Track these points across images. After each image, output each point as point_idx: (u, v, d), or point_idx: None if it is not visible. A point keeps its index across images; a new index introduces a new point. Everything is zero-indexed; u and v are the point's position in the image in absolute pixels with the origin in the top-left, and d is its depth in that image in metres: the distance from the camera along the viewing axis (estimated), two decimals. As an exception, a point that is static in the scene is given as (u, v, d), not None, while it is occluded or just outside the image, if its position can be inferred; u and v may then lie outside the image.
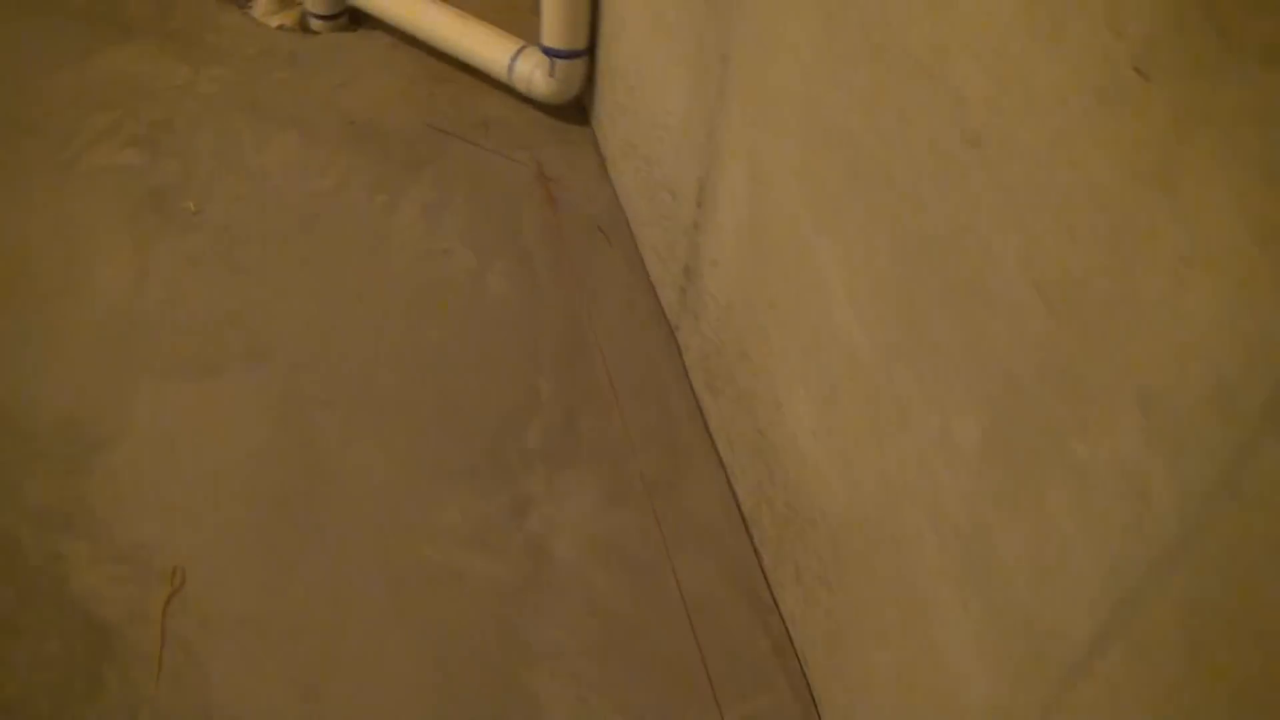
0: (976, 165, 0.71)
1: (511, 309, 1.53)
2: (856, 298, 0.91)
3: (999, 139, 0.68)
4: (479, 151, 1.76)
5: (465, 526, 1.26)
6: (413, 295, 1.53)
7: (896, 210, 0.82)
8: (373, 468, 1.31)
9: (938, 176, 0.75)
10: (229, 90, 1.82)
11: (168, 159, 1.70)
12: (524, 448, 1.36)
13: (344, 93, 1.85)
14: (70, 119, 1.75)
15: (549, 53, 1.68)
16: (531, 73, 1.74)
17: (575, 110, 1.82)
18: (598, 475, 1.35)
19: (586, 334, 1.51)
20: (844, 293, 0.94)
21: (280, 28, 2.04)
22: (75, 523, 1.24)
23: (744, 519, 1.28)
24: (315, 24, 2.02)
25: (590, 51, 1.70)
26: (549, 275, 1.58)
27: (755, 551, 1.26)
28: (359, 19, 2.00)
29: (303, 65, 1.90)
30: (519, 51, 1.76)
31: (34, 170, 1.66)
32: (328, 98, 1.83)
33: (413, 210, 1.66)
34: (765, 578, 1.23)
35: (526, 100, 1.81)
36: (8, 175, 1.64)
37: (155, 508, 1.27)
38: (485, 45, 1.79)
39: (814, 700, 1.12)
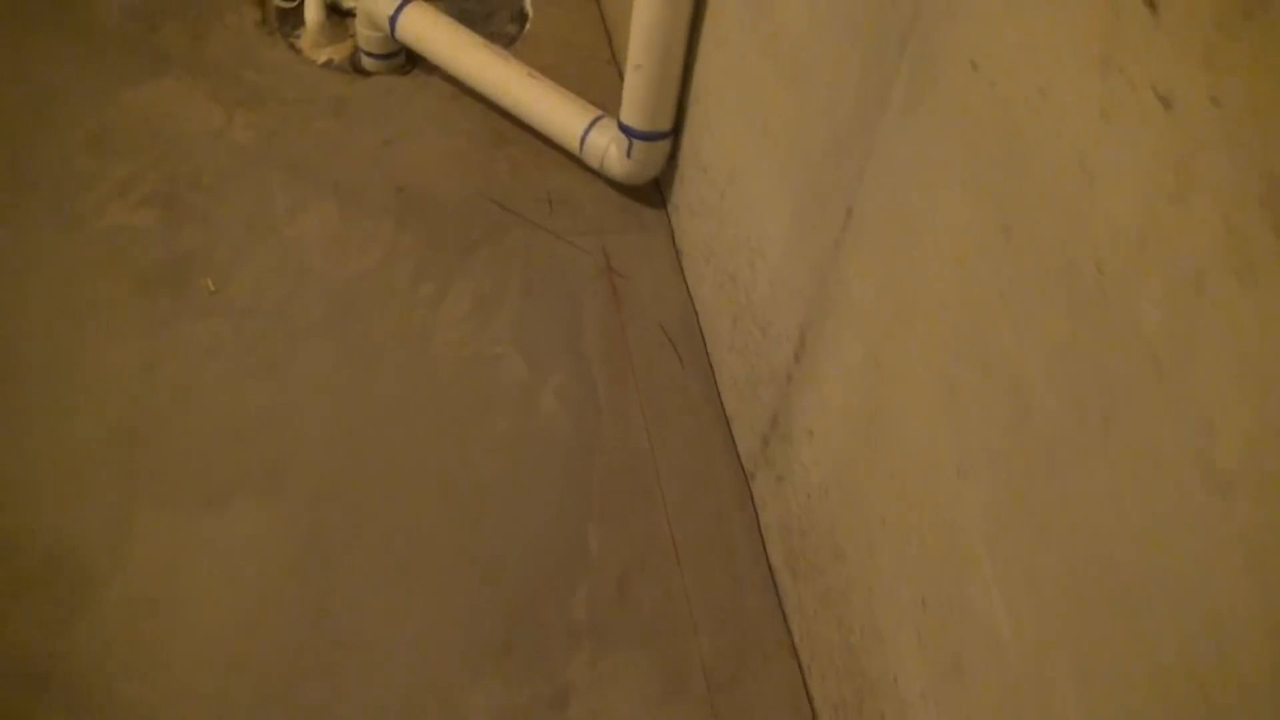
0: (1220, 513, 0.53)
1: (565, 435, 1.36)
2: (1007, 581, 0.73)
3: (1256, 483, 0.50)
4: (540, 234, 1.59)
5: (494, 728, 1.09)
6: (455, 410, 1.36)
7: (1082, 513, 0.64)
8: (391, 636, 1.16)
9: (1161, 514, 0.57)
10: (264, 141, 1.66)
11: (190, 223, 1.54)
12: (568, 618, 1.20)
13: (393, 151, 1.68)
14: (87, 167, 1.60)
15: (627, 131, 1.50)
16: (606, 149, 1.56)
17: (651, 189, 1.64)
18: (652, 661, 1.18)
19: (648, 472, 1.34)
20: (990, 566, 0.76)
21: (328, 64, 1.87)
22: (53, 683, 1.09)
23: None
24: (368, 62, 1.85)
25: (675, 132, 1.52)
26: (609, 393, 1.41)
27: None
28: (416, 59, 1.82)
29: (349, 114, 1.73)
30: (593, 123, 1.58)
31: (41, 226, 1.51)
32: (375, 156, 1.66)
33: (462, 303, 1.49)
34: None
35: (597, 174, 1.63)
36: (11, 231, 1.50)
37: (144, 669, 1.13)
38: (555, 111, 1.61)
39: None
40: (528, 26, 1.98)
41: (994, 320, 0.74)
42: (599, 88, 1.76)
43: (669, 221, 1.62)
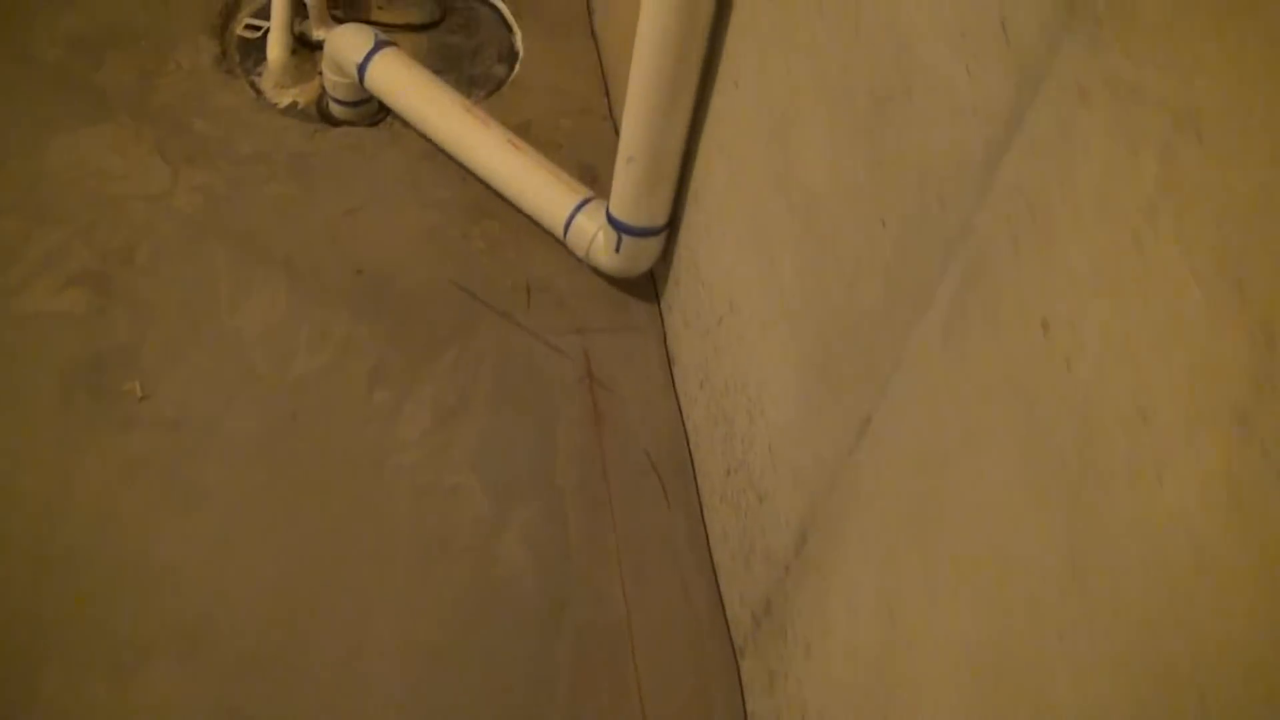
0: None
1: (529, 590, 1.21)
2: None
3: None
4: (515, 331, 1.43)
5: None
6: (406, 557, 1.22)
7: None
8: None
9: None
10: (211, 209, 1.50)
11: (119, 309, 1.38)
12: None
13: (355, 223, 1.52)
14: (10, 234, 1.44)
15: (617, 225, 1.34)
16: (593, 238, 1.40)
17: (643, 279, 1.48)
18: None
19: (622, 640, 1.19)
20: None
21: (291, 107, 1.70)
22: None
23: None
24: (335, 109, 1.69)
25: (671, 226, 1.36)
26: (583, 537, 1.26)
27: None
28: (388, 109, 1.66)
29: (309, 175, 1.56)
30: (580, 206, 1.42)
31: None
32: (334, 229, 1.50)
33: (420, 417, 1.33)
34: None
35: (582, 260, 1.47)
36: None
37: None
38: (539, 190, 1.45)
39: None
40: (517, 68, 1.81)
41: (1046, 662, 0.58)
42: (592, 146, 1.61)
43: (661, 321, 1.46)
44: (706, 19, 1.10)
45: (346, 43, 1.59)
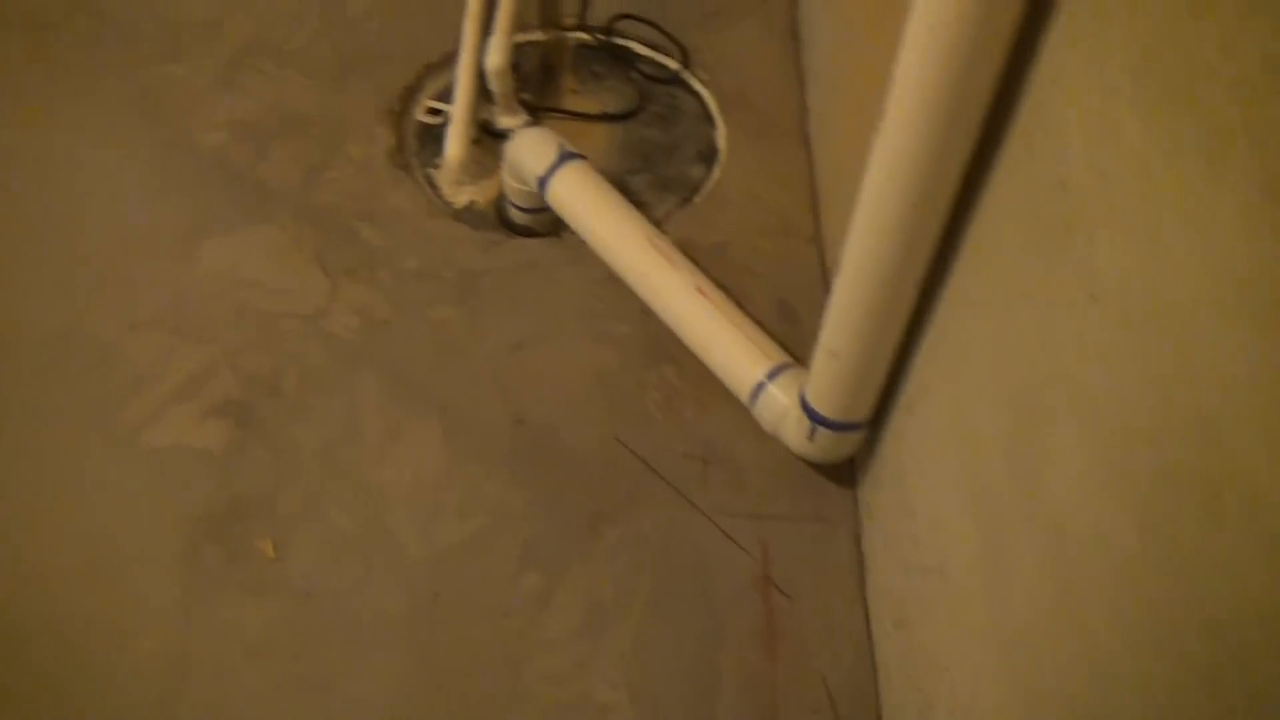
0: None
1: None
2: None
3: None
4: (685, 511, 1.28)
5: None
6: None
7: None
8: None
9: None
10: (368, 334, 1.40)
11: (260, 448, 1.30)
12: None
13: (521, 361, 1.39)
14: (152, 350, 1.38)
15: (811, 414, 1.17)
16: (784, 414, 1.24)
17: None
18: None
19: None
20: None
21: (468, 207, 1.60)
22: None
23: None
24: (514, 214, 1.57)
25: (874, 423, 1.18)
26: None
27: None
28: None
29: (477, 298, 1.45)
30: (774, 374, 1.26)
31: (85, 432, 1.31)
32: (498, 367, 1.38)
33: (571, 611, 1.21)
34: None
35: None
36: (48, 438, 1.31)
37: None
38: (727, 349, 1.30)
39: None
40: (716, 172, 1.65)
41: None
42: (793, 275, 1.47)
43: (856, 514, 1.29)
44: (932, 237, 0.92)
45: (529, 151, 1.47)
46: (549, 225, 1.57)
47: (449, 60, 1.77)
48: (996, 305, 0.85)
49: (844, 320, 1.06)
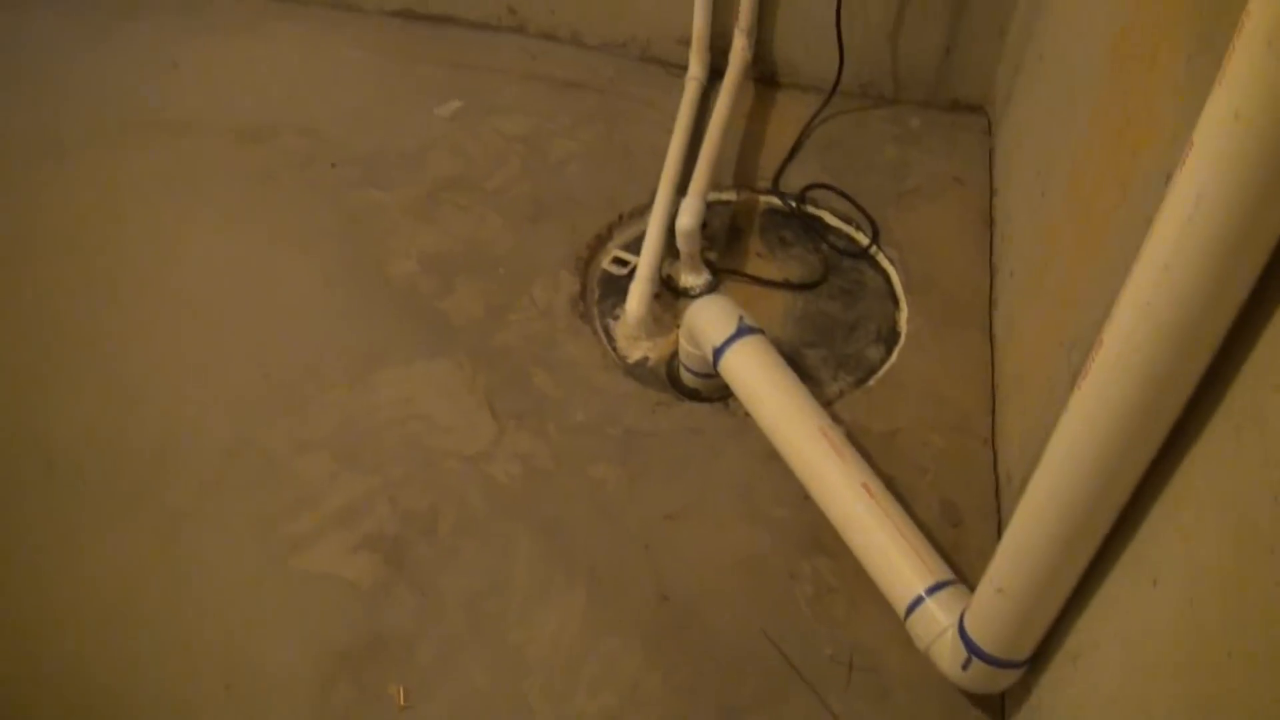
0: None
1: None
2: None
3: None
4: (824, 717, 1.24)
5: None
6: None
7: None
8: None
9: None
10: (528, 482, 1.42)
11: (407, 588, 1.32)
12: None
13: (674, 532, 1.39)
14: (317, 473, 1.43)
15: (969, 643, 1.13)
16: (939, 636, 1.20)
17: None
18: None
19: None
20: None
21: (640, 362, 1.62)
22: None
23: None
24: (685, 376, 1.59)
25: (1033, 662, 1.14)
26: None
27: None
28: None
29: (637, 459, 1.46)
30: (933, 590, 1.22)
31: (242, 546, 1.36)
32: (650, 535, 1.38)
33: (693, 810, 1.17)
34: None
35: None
36: (207, 545, 1.36)
37: None
38: (888, 555, 1.27)
39: None
40: (894, 356, 1.64)
41: None
42: (963, 477, 1.44)
43: (1008, 753, 1.23)
44: (1120, 502, 0.89)
45: (708, 320, 1.49)
46: (718, 391, 1.58)
47: (641, 212, 1.82)
48: (1185, 593, 0.81)
49: (1016, 563, 1.03)
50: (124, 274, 1.69)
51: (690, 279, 1.71)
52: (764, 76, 2.13)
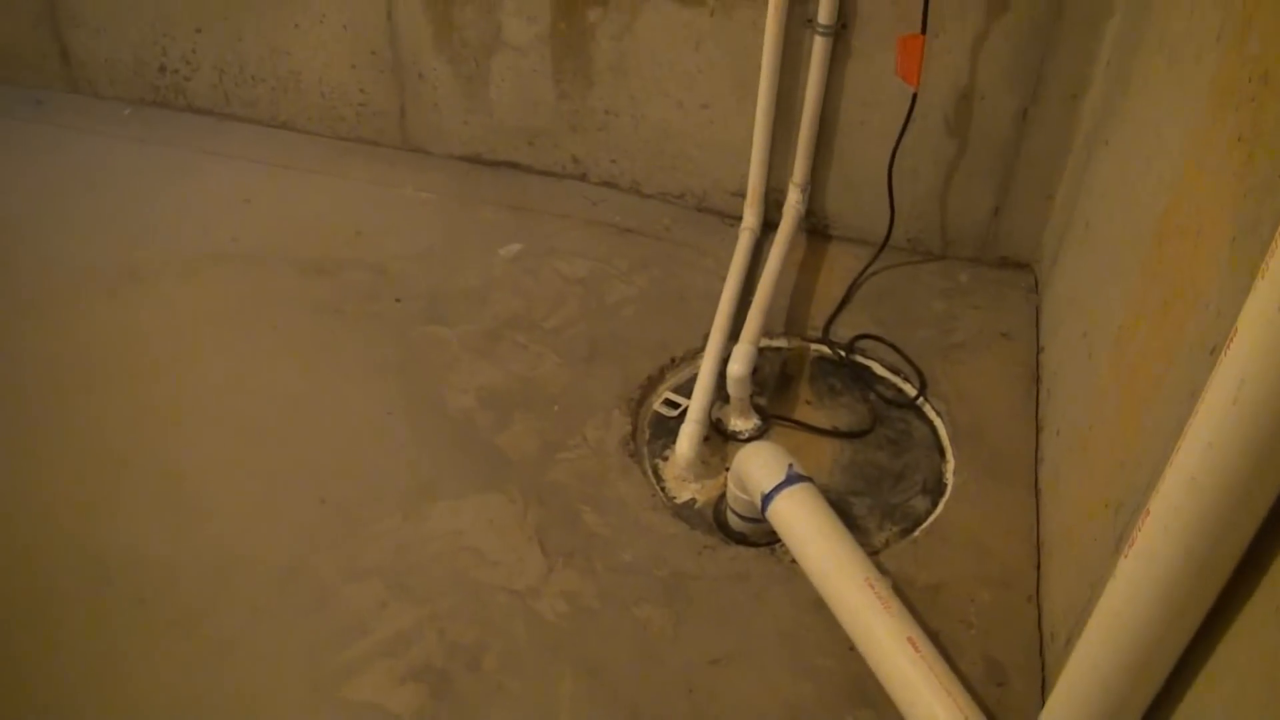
0: None
1: None
2: None
3: None
4: None
5: None
6: None
7: None
8: None
9: None
10: (574, 622, 1.44)
11: (448, 725, 1.32)
12: None
13: (717, 676, 1.40)
14: (368, 600, 1.44)
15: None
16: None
17: None
18: None
19: None
20: None
21: (688, 504, 1.65)
22: None
23: None
24: (733, 519, 1.60)
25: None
26: None
27: None
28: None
29: (684, 602, 1.47)
30: (969, 740, 1.21)
31: (291, 672, 1.37)
32: (692, 681, 1.39)
33: None
34: None
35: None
36: (257, 671, 1.37)
37: None
38: (935, 711, 1.26)
39: None
40: (940, 507, 1.65)
41: None
42: (1007, 634, 1.43)
43: None
44: (1168, 662, 0.90)
45: (757, 465, 1.51)
46: (765, 536, 1.60)
47: (693, 356, 1.86)
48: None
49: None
50: (192, 400, 1.75)
51: (740, 423, 1.75)
52: (816, 228, 2.19)
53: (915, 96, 1.87)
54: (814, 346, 1.94)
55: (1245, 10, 1.07)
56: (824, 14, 1.88)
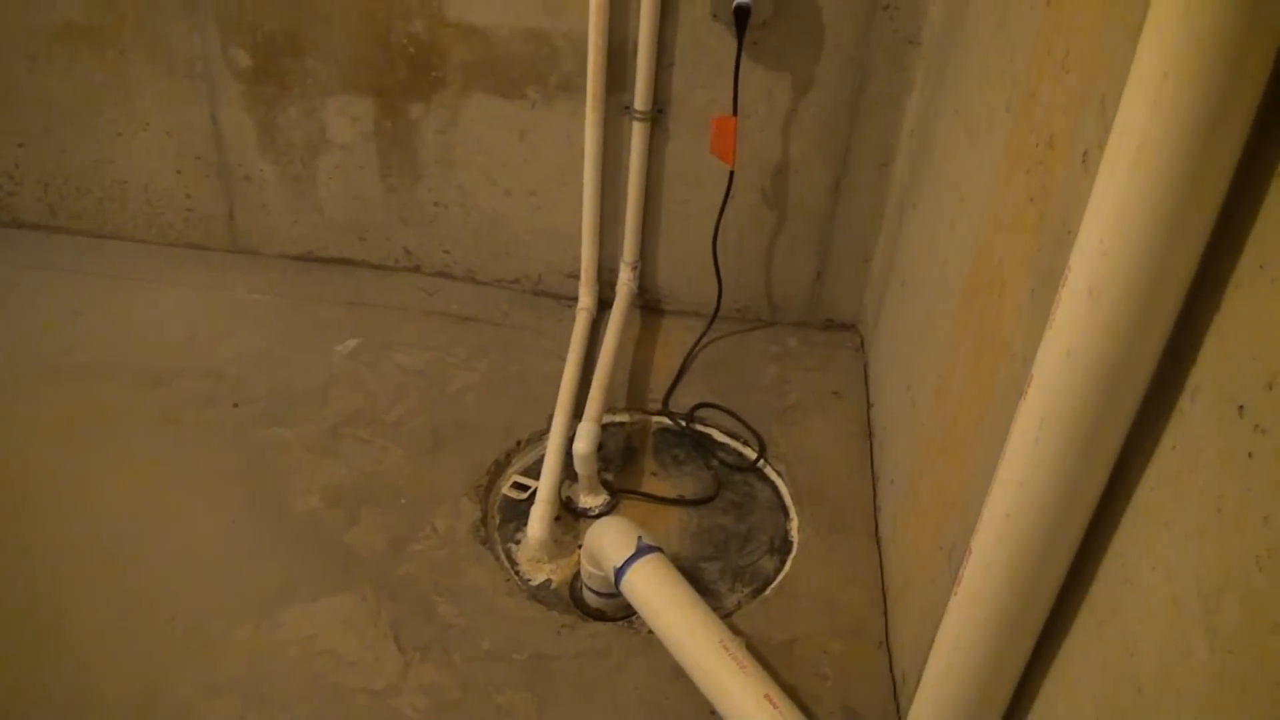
0: None
1: None
2: None
3: None
4: None
5: None
6: None
7: None
8: None
9: None
10: (436, 715, 1.42)
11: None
12: None
13: (584, 757, 1.38)
14: (224, 717, 1.38)
15: None
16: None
17: None
18: None
19: None
20: None
21: (544, 585, 1.63)
22: None
23: None
24: (589, 596, 1.60)
25: None
26: None
27: None
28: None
29: (545, 684, 1.46)
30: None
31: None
32: (560, 762, 1.36)
33: None
34: None
35: None
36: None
37: None
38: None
39: None
40: (787, 565, 1.68)
41: None
42: (861, 682, 1.47)
43: None
44: (1005, 694, 0.93)
45: (607, 541, 1.52)
46: (621, 610, 1.60)
47: (538, 437, 1.87)
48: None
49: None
50: (32, 523, 1.66)
51: (589, 500, 1.75)
52: (649, 305, 2.24)
53: (732, 174, 1.94)
54: (655, 418, 1.96)
55: (1030, 83, 1.15)
56: (640, 101, 1.94)
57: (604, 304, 2.17)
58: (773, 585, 1.66)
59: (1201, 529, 0.67)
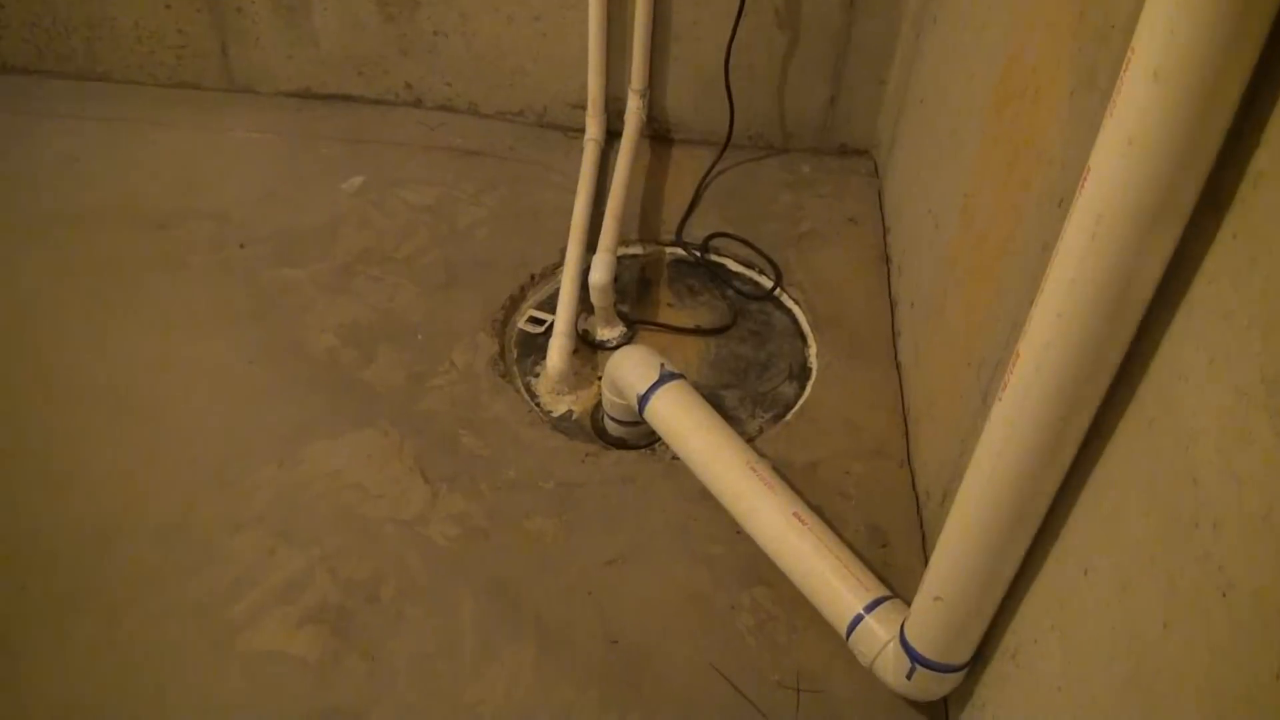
0: None
1: None
2: None
3: None
4: (777, 747, 1.26)
5: None
6: None
7: None
8: None
9: None
10: (467, 544, 1.43)
11: (355, 658, 1.31)
12: None
13: (616, 577, 1.41)
14: (254, 551, 1.41)
15: (911, 653, 1.16)
16: (882, 649, 1.24)
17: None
18: None
19: None
20: None
21: (565, 416, 1.64)
22: None
23: None
24: (611, 425, 1.61)
25: (975, 663, 1.18)
26: None
27: None
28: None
29: (573, 510, 1.47)
30: (872, 607, 1.26)
31: (186, 631, 1.33)
32: (592, 582, 1.40)
33: None
34: None
35: (865, 664, 1.31)
36: (151, 633, 1.32)
37: None
38: (825, 580, 1.31)
39: None
40: (808, 390, 1.69)
41: None
42: (885, 500, 1.49)
43: (955, 762, 1.26)
44: (1047, 502, 0.94)
45: (629, 369, 1.52)
46: (643, 437, 1.61)
47: (553, 271, 1.85)
48: (1116, 577, 0.86)
49: (952, 569, 1.07)
50: (49, 371, 1.66)
51: (606, 332, 1.75)
52: (659, 134, 2.19)
53: (744, -9, 1.88)
54: (669, 250, 1.94)
55: None
56: (647, -84, 1.86)
57: (612, 135, 2.13)
58: (793, 410, 1.67)
59: (1265, 316, 0.66)
